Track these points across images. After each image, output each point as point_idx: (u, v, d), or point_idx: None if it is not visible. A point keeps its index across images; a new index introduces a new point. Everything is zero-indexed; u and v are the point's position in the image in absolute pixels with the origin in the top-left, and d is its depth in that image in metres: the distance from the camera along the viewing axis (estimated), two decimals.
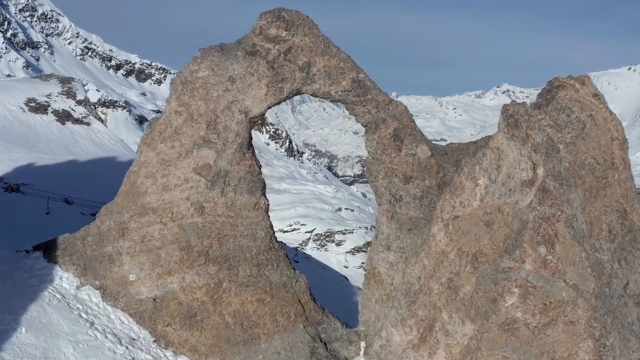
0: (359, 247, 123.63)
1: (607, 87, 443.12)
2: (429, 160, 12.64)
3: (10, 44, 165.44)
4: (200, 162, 12.32)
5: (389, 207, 12.65)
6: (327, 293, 43.70)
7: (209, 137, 12.28)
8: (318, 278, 53.57)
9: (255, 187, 12.49)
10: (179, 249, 12.46)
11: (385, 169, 12.58)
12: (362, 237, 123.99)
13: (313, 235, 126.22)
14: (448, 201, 12.09)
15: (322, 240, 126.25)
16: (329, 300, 39.34)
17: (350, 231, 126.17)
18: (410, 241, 12.49)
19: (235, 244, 12.48)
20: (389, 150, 12.49)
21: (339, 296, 46.22)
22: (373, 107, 12.47)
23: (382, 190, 12.68)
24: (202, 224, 12.40)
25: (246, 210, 12.46)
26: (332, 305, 39.29)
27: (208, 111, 12.28)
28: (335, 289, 49.65)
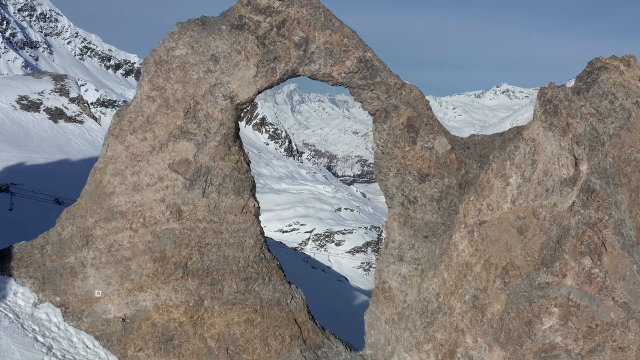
0: (358, 247, 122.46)
1: None
2: (448, 155, 10.67)
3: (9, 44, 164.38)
4: (177, 157, 10.35)
5: (402, 211, 10.69)
6: (327, 297, 41.89)
7: (187, 127, 10.31)
8: (318, 279, 51.77)
9: (242, 186, 10.52)
10: (152, 260, 10.49)
11: (397, 165, 10.61)
12: (362, 237, 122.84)
13: (312, 236, 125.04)
14: (473, 203, 10.13)
15: (321, 241, 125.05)
16: (329, 304, 37.45)
17: (349, 231, 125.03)
18: (427, 251, 10.53)
19: (219, 254, 10.51)
20: (402, 142, 10.53)
21: (339, 298, 44.39)
22: (383, 92, 10.50)
23: (393, 190, 10.71)
24: (180, 231, 10.43)
25: (232, 214, 10.49)
26: (332, 309, 37.38)
27: (186, 96, 10.31)
28: (335, 291, 47.90)
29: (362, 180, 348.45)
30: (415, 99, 10.59)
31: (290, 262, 55.80)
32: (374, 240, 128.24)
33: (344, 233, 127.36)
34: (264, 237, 10.77)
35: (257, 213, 10.65)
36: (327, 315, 35.13)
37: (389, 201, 10.78)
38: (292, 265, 54.50)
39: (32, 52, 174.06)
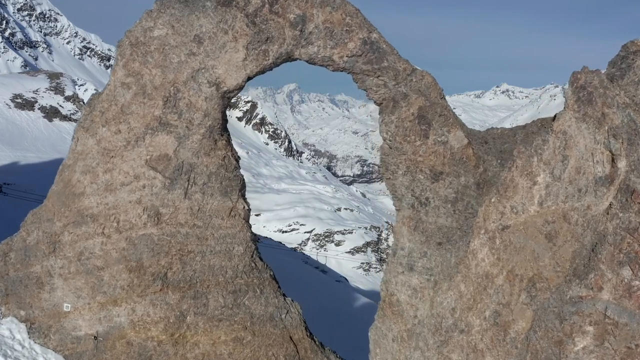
0: (358, 247, 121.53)
1: None
2: (465, 151, 9.38)
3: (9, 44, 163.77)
4: (156, 153, 9.05)
5: (412, 214, 9.38)
6: (326, 299, 40.73)
7: (167, 119, 9.02)
8: (318, 281, 50.69)
9: (230, 186, 9.21)
10: (127, 271, 9.19)
11: (407, 162, 9.31)
12: (362, 237, 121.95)
13: (312, 236, 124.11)
14: (494, 206, 8.83)
15: (321, 241, 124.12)
16: (329, 307, 36.22)
17: (349, 231, 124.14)
18: (441, 260, 9.23)
19: (203, 263, 9.20)
20: (412, 136, 9.22)
21: (339, 301, 43.31)
22: (390, 79, 9.20)
23: (402, 190, 9.41)
24: (159, 237, 9.13)
25: (218, 217, 9.19)
26: (332, 310, 36.02)
27: (166, 83, 9.01)
28: (335, 293, 46.81)
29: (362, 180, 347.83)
30: (427, 86, 9.29)
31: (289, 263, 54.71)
32: (374, 240, 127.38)
33: (343, 233, 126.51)
34: (255, 244, 9.46)
35: (247, 216, 9.34)
36: (327, 317, 33.91)
37: (398, 203, 9.48)
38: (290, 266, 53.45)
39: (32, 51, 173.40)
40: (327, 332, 30.82)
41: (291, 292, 32.94)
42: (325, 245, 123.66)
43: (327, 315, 34.21)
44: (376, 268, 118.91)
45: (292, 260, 56.14)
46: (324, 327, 30.98)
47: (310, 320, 32.51)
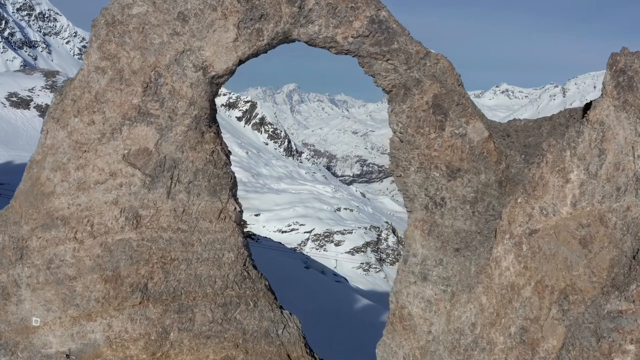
0: (358, 247, 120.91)
1: None
2: (485, 144, 8.28)
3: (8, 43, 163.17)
4: (134, 146, 7.95)
5: (426, 216, 8.28)
6: (326, 300, 39.84)
7: (147, 107, 7.91)
8: (317, 283, 49.85)
9: (220, 184, 8.10)
10: (102, 281, 8.09)
11: (419, 158, 8.20)
12: (361, 237, 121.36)
13: (312, 236, 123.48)
14: (521, 207, 7.74)
15: (321, 241, 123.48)
16: (329, 309, 35.31)
17: (349, 231, 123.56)
18: (459, 268, 8.13)
19: (189, 272, 8.09)
20: (426, 127, 8.12)
21: (339, 301, 42.58)
22: (401, 62, 8.10)
23: (414, 189, 8.31)
24: (138, 242, 8.02)
25: (206, 220, 8.08)
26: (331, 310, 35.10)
27: (146, 67, 7.91)
28: (335, 295, 46.00)
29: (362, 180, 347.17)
30: (442, 71, 8.19)
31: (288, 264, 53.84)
32: (374, 240, 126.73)
33: (343, 233, 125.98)
34: (248, 250, 8.35)
35: (239, 219, 8.22)
36: (327, 317, 32.93)
37: (409, 204, 8.37)
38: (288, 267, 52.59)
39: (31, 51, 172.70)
40: (327, 333, 29.88)
41: (290, 293, 31.80)
42: (324, 246, 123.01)
43: (326, 316, 33.32)
44: (376, 268, 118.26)
45: (290, 261, 55.22)
46: (324, 328, 30.08)
47: (310, 321, 31.37)
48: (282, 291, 35.43)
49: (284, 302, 28.05)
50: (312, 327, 29.27)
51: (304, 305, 33.70)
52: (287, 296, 34.22)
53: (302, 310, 33.18)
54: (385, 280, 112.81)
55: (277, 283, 32.90)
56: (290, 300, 33.62)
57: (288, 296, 34.28)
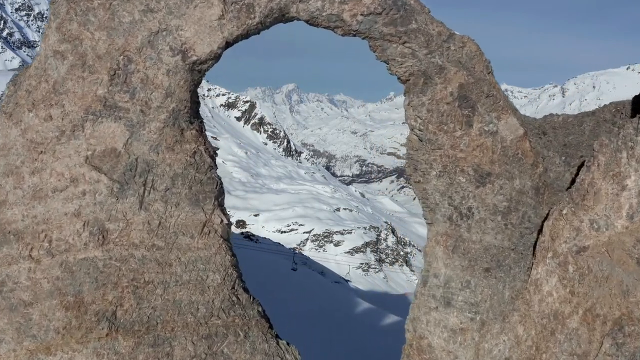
0: (357, 247, 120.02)
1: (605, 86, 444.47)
2: (520, 144, 6.95)
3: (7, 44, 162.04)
4: (99, 147, 6.60)
5: (449, 229, 6.95)
6: (326, 301, 38.75)
7: (114, 99, 6.57)
8: (317, 284, 48.74)
9: (203, 192, 6.76)
10: (62, 308, 6.74)
11: (443, 160, 6.87)
12: (361, 238, 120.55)
13: (311, 236, 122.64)
14: (566, 219, 6.40)
15: (320, 241, 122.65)
16: (328, 311, 34.22)
17: (348, 231, 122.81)
18: (490, 292, 6.80)
19: (166, 298, 6.75)
20: (451, 124, 6.79)
21: (338, 302, 41.75)
22: (421, 46, 6.76)
23: (436, 197, 6.97)
24: (105, 262, 6.68)
25: (187, 235, 6.73)
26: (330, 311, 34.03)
27: (113, 50, 6.57)
28: (334, 296, 44.99)
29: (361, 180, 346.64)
30: (470, 56, 6.85)
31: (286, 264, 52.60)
32: (373, 240, 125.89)
33: (342, 233, 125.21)
34: (238, 271, 7.00)
35: (227, 233, 6.87)
36: (326, 319, 31.82)
37: (430, 215, 7.03)
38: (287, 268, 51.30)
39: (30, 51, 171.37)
40: (327, 334, 28.72)
41: (290, 294, 30.44)
42: (324, 246, 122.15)
43: (326, 317, 32.47)
44: (375, 268, 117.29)
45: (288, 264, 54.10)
46: (324, 329, 28.94)
47: (309, 322, 30.03)
48: (282, 291, 34.14)
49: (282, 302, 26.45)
50: (311, 329, 28.15)
51: (303, 306, 32.68)
52: (286, 296, 33.11)
53: (302, 311, 32.04)
54: (384, 281, 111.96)
55: (277, 283, 31.73)
56: (290, 301, 32.52)
57: (286, 296, 33.19)
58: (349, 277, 78.35)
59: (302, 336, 26.82)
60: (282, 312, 30.15)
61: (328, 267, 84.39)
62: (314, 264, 77.54)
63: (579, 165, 7.23)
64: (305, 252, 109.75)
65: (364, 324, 34.12)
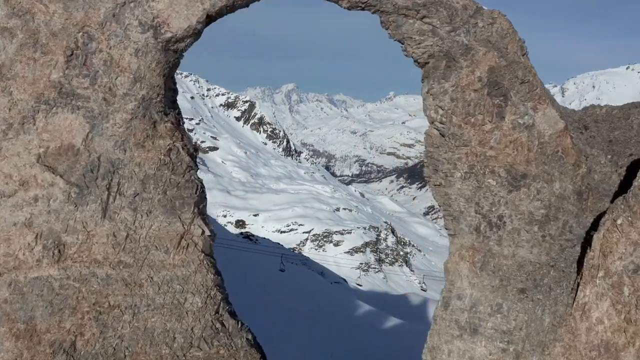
0: (357, 247, 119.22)
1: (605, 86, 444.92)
2: (560, 140, 5.81)
3: None
4: (54, 143, 5.46)
5: (477, 242, 5.80)
6: (326, 302, 37.82)
7: (72, 85, 5.43)
8: (316, 285, 47.88)
9: (181, 198, 5.61)
10: (12, 336, 5.60)
11: (469, 159, 5.73)
12: (361, 238, 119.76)
13: (311, 236, 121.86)
14: (621, 231, 5.25)
15: (320, 241, 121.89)
16: (328, 311, 33.33)
17: (348, 231, 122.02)
18: (526, 318, 5.67)
19: (136, 325, 5.60)
20: (480, 115, 5.65)
21: (338, 302, 40.97)
22: (443, 21, 5.62)
23: (460, 204, 5.83)
24: (61, 283, 5.53)
25: (161, 250, 5.58)
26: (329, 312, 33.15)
27: (70, 26, 5.42)
28: (334, 296, 44.12)
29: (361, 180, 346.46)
30: (501, 34, 5.71)
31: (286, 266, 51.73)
32: (373, 240, 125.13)
33: (342, 233, 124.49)
34: (223, 292, 5.86)
35: (209, 247, 5.72)
36: (326, 320, 30.90)
37: (452, 224, 5.88)
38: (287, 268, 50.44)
39: None
40: (327, 335, 27.79)
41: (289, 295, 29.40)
42: (323, 246, 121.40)
43: (325, 318, 31.78)
44: (375, 268, 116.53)
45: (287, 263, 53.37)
46: (324, 330, 28.03)
47: (309, 322, 29.02)
48: (282, 292, 33.15)
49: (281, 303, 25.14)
50: (310, 330, 27.26)
51: (302, 307, 31.82)
52: (284, 297, 32.20)
53: (302, 311, 31.14)
54: (384, 281, 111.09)
55: (276, 283, 30.62)
56: (290, 301, 31.62)
57: (285, 297, 32.31)
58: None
59: (302, 337, 25.92)
60: (281, 312, 29.16)
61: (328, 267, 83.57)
62: (314, 264, 76.74)
63: (628, 165, 6.10)
64: (305, 252, 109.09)
65: (364, 325, 33.47)
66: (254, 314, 23.95)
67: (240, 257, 39.47)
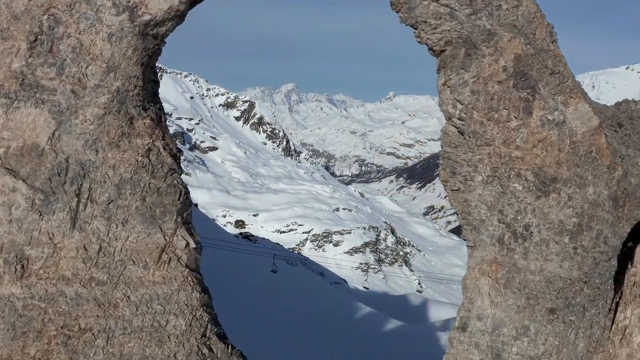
0: (356, 247, 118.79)
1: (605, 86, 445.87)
2: (594, 139, 5.10)
3: None
4: (16, 142, 4.76)
5: (500, 255, 5.10)
6: (325, 302, 37.26)
7: (35, 76, 4.73)
8: (315, 285, 47.34)
9: (162, 206, 4.90)
10: None
11: (492, 160, 5.02)
12: (360, 238, 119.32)
13: (310, 236, 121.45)
14: None
15: (319, 241, 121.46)
16: (327, 312, 32.81)
17: (348, 231, 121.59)
18: (557, 342, 4.96)
19: (110, 352, 4.89)
20: (504, 110, 4.95)
21: (339, 304, 40.48)
22: (462, 3, 4.91)
23: (481, 212, 5.12)
24: (25, 302, 4.83)
25: (139, 265, 4.87)
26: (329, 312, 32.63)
27: (34, 7, 4.72)
28: (334, 297, 43.61)
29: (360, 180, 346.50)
30: (528, 18, 5.00)
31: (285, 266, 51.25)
32: (372, 240, 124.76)
33: (342, 233, 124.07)
34: (211, 312, 5.15)
35: (194, 261, 5.01)
36: (326, 321, 30.34)
37: (472, 234, 5.17)
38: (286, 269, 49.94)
39: None
40: (327, 335, 27.20)
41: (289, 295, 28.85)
42: (323, 246, 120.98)
43: (325, 318, 31.30)
44: (375, 268, 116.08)
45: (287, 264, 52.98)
46: (323, 330, 27.48)
47: (308, 323, 28.40)
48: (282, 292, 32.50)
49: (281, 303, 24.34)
50: (310, 331, 26.73)
51: (302, 308, 31.28)
52: (284, 298, 31.72)
53: (301, 311, 30.60)
54: (384, 281, 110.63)
55: (275, 283, 29.98)
56: (289, 301, 31.12)
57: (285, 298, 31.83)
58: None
59: (302, 337, 25.37)
60: (281, 312, 28.58)
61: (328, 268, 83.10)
62: (313, 265, 76.24)
63: None
64: (305, 252, 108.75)
65: (363, 326, 33.10)
66: (253, 315, 23.35)
67: (239, 258, 38.94)
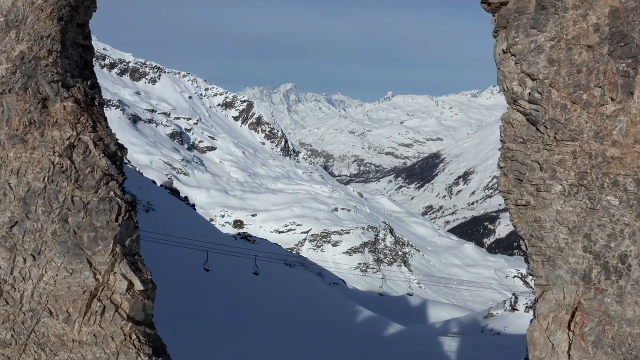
0: (355, 247, 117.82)
1: None
2: None
3: None
4: None
5: (586, 297, 3.53)
6: (323, 304, 36.08)
7: None
8: (314, 287, 46.12)
9: (93, 229, 3.33)
10: None
11: (578, 161, 3.47)
12: (359, 237, 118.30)
13: (309, 236, 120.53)
14: None
15: (318, 241, 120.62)
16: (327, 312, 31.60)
17: (346, 231, 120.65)
18: None
19: None
20: (596, 87, 3.40)
21: (338, 305, 39.69)
22: None
23: (559, 235, 3.54)
24: None
25: (58, 317, 3.31)
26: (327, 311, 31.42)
27: None
28: (333, 297, 42.72)
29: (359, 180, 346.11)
30: None
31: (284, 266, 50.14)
32: (371, 240, 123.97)
33: (340, 233, 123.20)
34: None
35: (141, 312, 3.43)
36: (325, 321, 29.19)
37: (543, 268, 3.60)
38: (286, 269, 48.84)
39: None
40: (327, 335, 26.02)
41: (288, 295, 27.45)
42: (322, 246, 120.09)
43: (324, 318, 30.39)
44: (373, 268, 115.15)
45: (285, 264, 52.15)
46: (324, 333, 26.29)
47: (308, 323, 27.03)
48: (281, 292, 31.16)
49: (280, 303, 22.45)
50: (310, 331, 25.48)
51: (301, 309, 30.19)
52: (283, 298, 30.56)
53: (301, 312, 29.42)
54: (382, 281, 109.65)
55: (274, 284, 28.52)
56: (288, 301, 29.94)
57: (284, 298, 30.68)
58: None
59: (301, 337, 24.17)
60: (280, 312, 27.50)
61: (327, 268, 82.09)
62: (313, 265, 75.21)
63: None
64: (303, 252, 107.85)
65: (362, 326, 32.24)
66: (250, 317, 22.08)
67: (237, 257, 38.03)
